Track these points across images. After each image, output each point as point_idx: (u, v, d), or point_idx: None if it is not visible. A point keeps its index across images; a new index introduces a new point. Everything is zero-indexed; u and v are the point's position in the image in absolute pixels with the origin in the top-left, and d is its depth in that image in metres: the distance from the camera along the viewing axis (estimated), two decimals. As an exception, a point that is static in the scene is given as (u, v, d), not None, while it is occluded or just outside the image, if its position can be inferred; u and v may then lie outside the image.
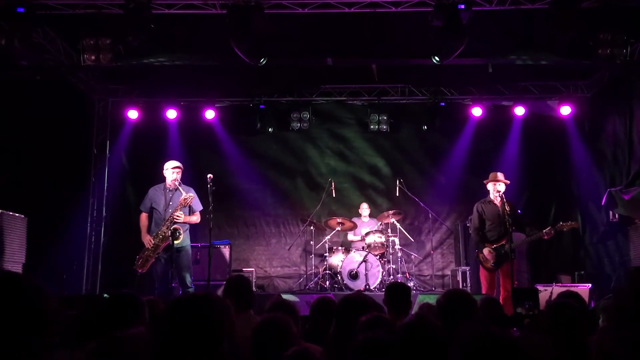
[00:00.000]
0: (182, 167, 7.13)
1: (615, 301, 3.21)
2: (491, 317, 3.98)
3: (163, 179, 7.29)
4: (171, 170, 7.06)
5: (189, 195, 6.91)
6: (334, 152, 10.95)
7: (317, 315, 3.84)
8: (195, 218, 7.11)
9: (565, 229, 7.01)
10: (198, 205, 7.12)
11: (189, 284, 6.89)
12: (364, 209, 9.87)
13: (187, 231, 7.11)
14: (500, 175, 7.31)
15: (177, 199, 6.93)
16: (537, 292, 6.57)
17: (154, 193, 7.18)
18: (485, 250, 7.05)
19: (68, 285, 8.90)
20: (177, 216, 6.84)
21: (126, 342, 2.04)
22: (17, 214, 7.52)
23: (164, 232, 6.79)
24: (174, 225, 6.78)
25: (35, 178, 8.30)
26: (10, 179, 7.79)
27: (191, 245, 7.24)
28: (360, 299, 3.33)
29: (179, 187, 6.96)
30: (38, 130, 8.28)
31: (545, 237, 7.00)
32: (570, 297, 3.80)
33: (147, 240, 6.93)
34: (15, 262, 7.36)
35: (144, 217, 7.15)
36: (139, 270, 6.96)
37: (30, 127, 8.16)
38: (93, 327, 2.92)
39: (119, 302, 3.07)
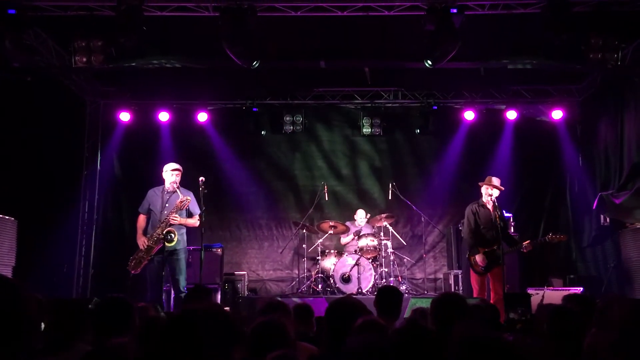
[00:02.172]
0: (181, 169, 7.06)
1: (605, 306, 3.21)
2: (485, 320, 3.97)
3: (155, 182, 7.23)
4: (170, 173, 7.00)
5: (185, 198, 6.85)
6: (326, 155, 10.92)
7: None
8: (193, 221, 6.99)
9: (554, 242, 6.96)
10: (197, 209, 7.01)
11: (182, 288, 6.83)
12: (361, 218, 9.70)
13: (183, 234, 7.03)
14: (495, 181, 7.25)
15: (174, 201, 6.85)
16: (529, 297, 6.56)
17: (152, 195, 7.12)
18: (479, 257, 6.98)
19: (58, 288, 8.82)
20: (174, 218, 6.79)
21: (114, 350, 2.00)
22: (6, 217, 7.47)
23: (158, 234, 6.75)
24: (168, 228, 6.73)
25: (26, 180, 8.23)
26: (0, 181, 7.73)
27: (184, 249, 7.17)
28: (349, 303, 3.32)
29: (177, 190, 6.89)
30: (29, 132, 8.22)
31: (524, 251, 7.01)
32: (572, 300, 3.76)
33: (142, 242, 6.89)
34: (5, 264, 7.31)
35: (141, 218, 7.11)
36: (132, 272, 6.91)
37: (21, 128, 8.10)
38: (83, 331, 2.89)
39: (110, 306, 3.04)
